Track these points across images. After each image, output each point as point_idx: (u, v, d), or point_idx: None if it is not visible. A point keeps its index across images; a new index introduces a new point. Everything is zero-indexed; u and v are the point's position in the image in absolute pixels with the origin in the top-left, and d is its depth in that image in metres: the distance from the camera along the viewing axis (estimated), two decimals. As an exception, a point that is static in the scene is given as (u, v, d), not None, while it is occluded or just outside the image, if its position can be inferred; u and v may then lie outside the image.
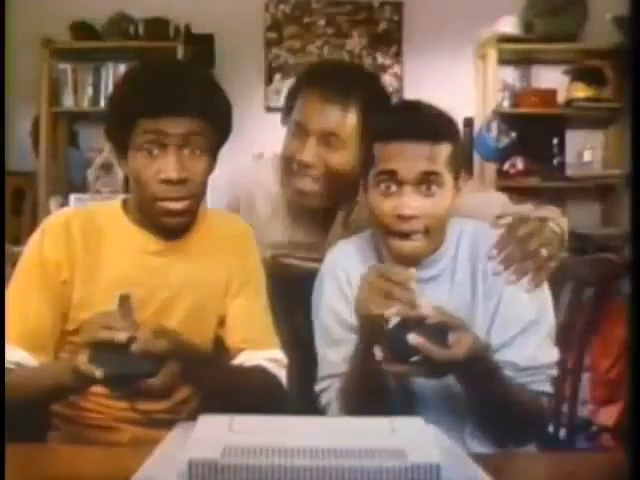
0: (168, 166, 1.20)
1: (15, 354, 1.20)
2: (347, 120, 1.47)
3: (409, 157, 1.18)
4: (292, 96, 1.54)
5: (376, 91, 1.56)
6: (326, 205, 1.55)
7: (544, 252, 1.30)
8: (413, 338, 1.01)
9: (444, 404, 1.24)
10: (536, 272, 1.27)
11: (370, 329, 1.10)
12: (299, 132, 1.49)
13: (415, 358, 1.03)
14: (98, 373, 1.01)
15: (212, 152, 1.27)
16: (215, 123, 1.25)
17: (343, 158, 1.48)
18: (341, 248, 1.37)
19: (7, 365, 1.19)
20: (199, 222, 1.33)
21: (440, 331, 1.04)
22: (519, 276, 1.25)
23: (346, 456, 0.73)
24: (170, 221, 1.26)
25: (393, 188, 1.19)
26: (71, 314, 1.26)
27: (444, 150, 1.20)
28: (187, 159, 1.22)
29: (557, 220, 1.37)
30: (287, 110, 1.55)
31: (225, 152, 1.32)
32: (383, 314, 1.04)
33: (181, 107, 1.19)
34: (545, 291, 1.27)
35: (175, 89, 1.20)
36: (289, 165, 1.52)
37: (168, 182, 1.21)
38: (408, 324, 1.03)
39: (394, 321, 1.05)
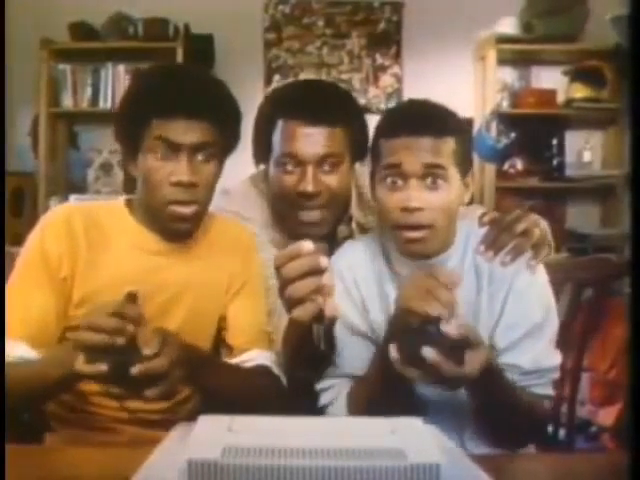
0: (180, 169, 1.21)
1: (18, 349, 1.19)
2: (337, 138, 1.41)
3: (413, 150, 1.18)
4: (264, 130, 1.45)
5: (348, 100, 1.53)
6: (330, 229, 1.50)
7: (536, 231, 1.28)
8: (428, 352, 0.99)
9: (445, 406, 1.24)
10: (534, 249, 1.26)
11: (402, 325, 1.07)
12: (292, 163, 1.41)
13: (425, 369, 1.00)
14: (103, 367, 0.99)
15: (221, 158, 1.28)
16: (226, 131, 1.26)
17: (342, 178, 1.44)
18: (348, 248, 1.36)
19: (10, 360, 1.17)
20: (202, 224, 1.33)
21: (459, 346, 1.01)
22: (514, 256, 1.24)
23: (346, 456, 0.73)
24: (178, 227, 1.26)
25: (399, 182, 1.19)
26: (71, 311, 1.26)
27: (448, 145, 1.20)
28: (198, 164, 1.23)
29: (537, 221, 1.34)
30: (261, 146, 1.47)
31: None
32: (421, 311, 1.02)
33: (194, 112, 1.20)
34: (549, 293, 1.27)
35: (189, 93, 1.20)
36: (287, 200, 1.44)
37: (179, 185, 1.21)
38: (430, 330, 1.00)
39: (419, 323, 1.02)
